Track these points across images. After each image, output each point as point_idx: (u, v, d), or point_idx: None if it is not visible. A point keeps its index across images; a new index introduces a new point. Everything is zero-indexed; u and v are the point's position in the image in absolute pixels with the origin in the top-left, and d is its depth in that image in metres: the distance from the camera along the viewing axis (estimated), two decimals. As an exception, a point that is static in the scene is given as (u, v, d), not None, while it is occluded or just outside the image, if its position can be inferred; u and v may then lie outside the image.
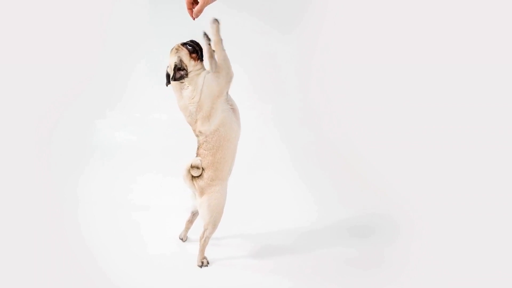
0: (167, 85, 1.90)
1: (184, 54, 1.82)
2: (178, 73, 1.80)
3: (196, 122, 1.83)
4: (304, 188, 2.65)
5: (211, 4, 1.74)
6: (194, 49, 1.85)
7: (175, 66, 1.80)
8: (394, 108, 3.03)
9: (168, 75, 1.87)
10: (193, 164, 1.85)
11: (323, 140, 3.11)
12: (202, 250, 1.96)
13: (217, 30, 1.78)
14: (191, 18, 1.76)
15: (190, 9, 1.73)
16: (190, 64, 1.82)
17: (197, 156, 1.90)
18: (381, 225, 2.29)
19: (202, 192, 1.87)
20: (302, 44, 3.45)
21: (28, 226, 2.21)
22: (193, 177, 1.88)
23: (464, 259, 1.97)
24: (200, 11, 1.71)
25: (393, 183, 2.62)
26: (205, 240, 1.95)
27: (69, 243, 2.11)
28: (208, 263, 1.97)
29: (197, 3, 1.72)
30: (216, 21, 1.76)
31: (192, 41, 1.87)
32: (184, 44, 1.85)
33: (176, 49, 1.85)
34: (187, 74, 1.81)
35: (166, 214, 2.36)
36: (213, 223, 1.91)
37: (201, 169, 1.86)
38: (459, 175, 2.45)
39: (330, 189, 2.64)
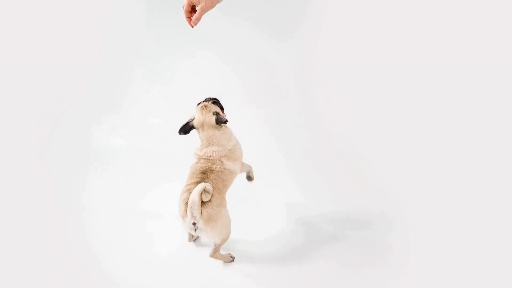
0: (180, 133, 2.07)
1: (219, 109, 2.10)
2: (222, 118, 2.04)
3: (222, 157, 2.04)
4: (301, 191, 2.66)
5: (208, 12, 1.76)
6: (221, 106, 2.15)
7: (217, 113, 2.05)
8: (391, 110, 3.05)
9: (191, 126, 2.06)
10: (206, 189, 1.88)
11: (320, 143, 3.11)
12: (220, 256, 2.05)
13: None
14: (189, 26, 1.78)
15: (189, 18, 1.75)
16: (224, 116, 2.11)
17: (203, 180, 1.95)
18: (381, 225, 2.31)
19: (209, 219, 1.90)
20: (298, 48, 3.46)
21: (29, 228, 2.23)
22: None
23: (463, 259, 1.99)
24: (198, 19, 1.73)
25: (392, 184, 2.63)
26: (217, 252, 2.04)
27: (71, 248, 2.14)
28: (233, 257, 2.07)
29: (195, 11, 1.74)
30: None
31: (214, 99, 2.14)
32: (214, 103, 2.10)
33: (208, 106, 2.06)
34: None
35: (169, 218, 2.35)
36: (225, 240, 2.03)
37: (211, 194, 1.91)
38: (458, 175, 2.47)
39: (328, 192, 2.65)
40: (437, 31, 2.87)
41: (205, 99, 2.12)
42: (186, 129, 2.06)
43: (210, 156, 2.02)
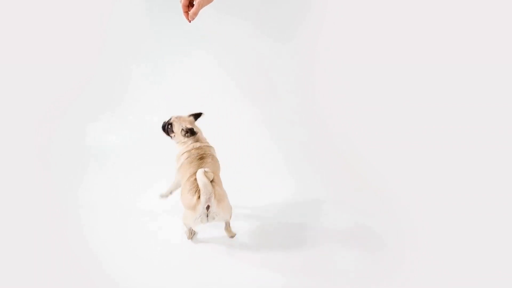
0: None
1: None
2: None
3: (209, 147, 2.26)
4: (300, 190, 2.65)
5: (206, 7, 1.75)
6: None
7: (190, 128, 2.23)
8: (390, 110, 3.06)
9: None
10: (206, 170, 1.98)
11: (318, 143, 3.12)
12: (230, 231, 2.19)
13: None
14: (187, 21, 1.77)
15: (186, 12, 1.73)
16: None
17: (202, 166, 2.08)
18: (379, 224, 2.31)
19: (220, 198, 2.01)
20: (298, 48, 3.48)
21: (27, 227, 2.22)
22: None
23: (462, 259, 1.99)
24: (195, 14, 1.72)
25: (390, 183, 2.63)
26: (229, 226, 2.18)
27: (70, 247, 2.12)
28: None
29: (192, 5, 1.73)
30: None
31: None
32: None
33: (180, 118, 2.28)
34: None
35: (168, 217, 2.35)
36: (231, 215, 2.14)
37: (211, 172, 2.02)
38: (457, 175, 2.46)
39: (326, 190, 2.65)
40: (437, 31, 2.88)
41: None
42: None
43: (199, 147, 2.19)
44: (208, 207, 1.95)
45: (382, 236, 2.21)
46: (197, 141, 2.21)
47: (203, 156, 2.14)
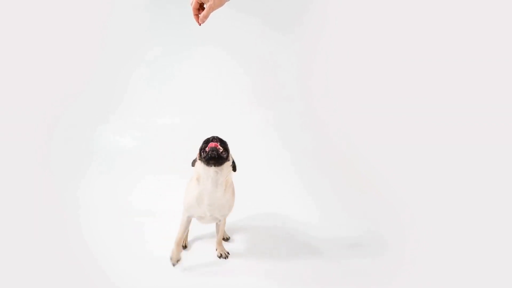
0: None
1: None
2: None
3: None
4: (306, 194, 2.66)
5: (216, 10, 1.74)
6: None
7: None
8: (396, 111, 3.03)
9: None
10: None
11: (324, 146, 3.13)
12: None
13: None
14: (196, 24, 1.76)
15: (196, 15, 1.73)
16: None
17: None
18: (384, 229, 2.31)
19: None
20: (304, 49, 3.48)
21: (28, 229, 2.22)
22: None
23: (464, 262, 1.98)
24: (206, 17, 1.72)
25: (395, 188, 2.63)
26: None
27: (72, 247, 2.12)
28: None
29: (203, 9, 1.72)
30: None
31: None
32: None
33: None
34: None
35: (168, 218, 2.34)
36: None
37: None
38: (461, 180, 2.44)
39: (332, 194, 2.65)
40: (440, 31, 2.86)
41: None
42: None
43: None
44: None
45: (386, 240, 2.22)
46: None
47: None
